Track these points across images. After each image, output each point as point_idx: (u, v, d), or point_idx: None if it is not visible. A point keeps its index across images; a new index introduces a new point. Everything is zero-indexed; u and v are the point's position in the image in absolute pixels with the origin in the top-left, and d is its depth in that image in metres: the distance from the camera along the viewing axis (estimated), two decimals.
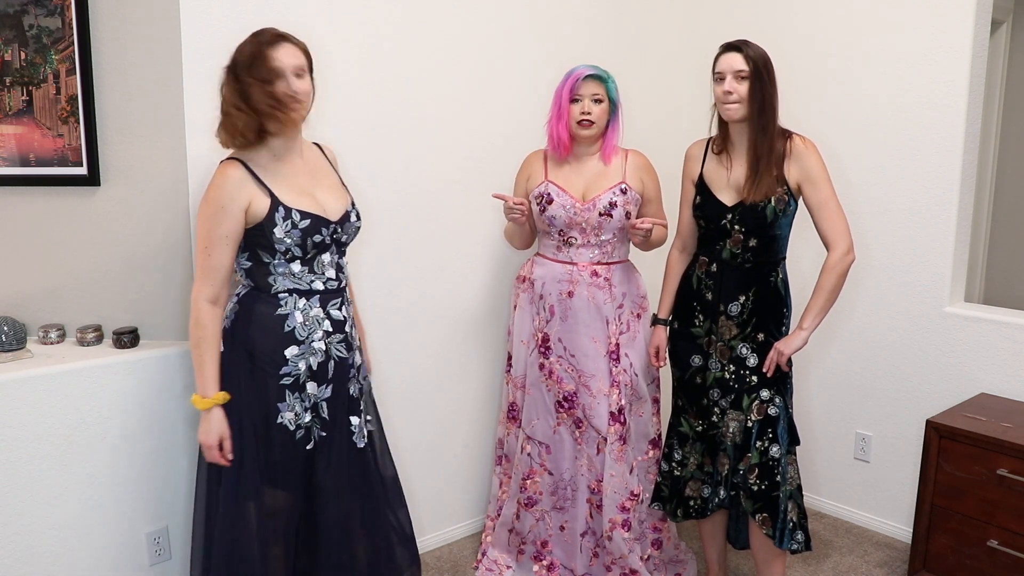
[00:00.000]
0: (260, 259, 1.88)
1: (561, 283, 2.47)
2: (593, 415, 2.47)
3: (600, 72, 2.40)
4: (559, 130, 2.43)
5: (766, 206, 2.17)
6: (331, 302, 1.95)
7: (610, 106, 2.42)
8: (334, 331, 1.95)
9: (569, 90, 2.39)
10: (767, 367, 2.22)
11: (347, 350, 1.99)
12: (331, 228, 1.91)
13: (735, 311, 2.25)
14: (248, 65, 1.79)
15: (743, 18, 3.23)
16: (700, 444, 2.37)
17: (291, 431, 1.90)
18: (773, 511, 2.22)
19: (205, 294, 1.84)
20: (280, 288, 1.89)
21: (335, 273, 1.96)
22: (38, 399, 1.98)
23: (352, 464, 2.00)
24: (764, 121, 2.15)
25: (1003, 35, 3.82)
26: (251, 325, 1.88)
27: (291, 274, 1.89)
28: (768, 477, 2.22)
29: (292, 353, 1.89)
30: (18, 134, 2.20)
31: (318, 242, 1.89)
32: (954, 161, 2.75)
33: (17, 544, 1.98)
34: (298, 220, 1.85)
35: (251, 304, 1.90)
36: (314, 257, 1.91)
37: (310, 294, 1.92)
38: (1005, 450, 2.35)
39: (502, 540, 2.68)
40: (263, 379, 1.87)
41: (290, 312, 1.89)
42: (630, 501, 2.48)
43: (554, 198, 2.44)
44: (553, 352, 2.50)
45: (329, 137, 2.36)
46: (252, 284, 1.92)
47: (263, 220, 1.83)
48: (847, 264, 2.19)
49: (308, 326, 1.90)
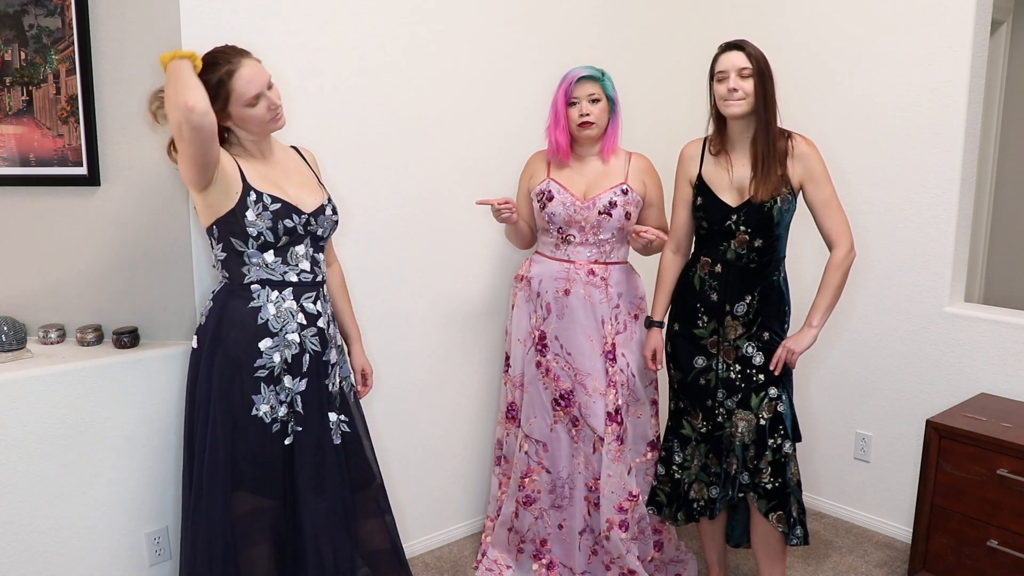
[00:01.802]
0: (234, 248, 1.89)
1: (558, 281, 2.48)
2: (589, 414, 2.47)
3: (594, 72, 2.40)
4: (557, 136, 2.43)
5: (772, 205, 2.18)
6: (305, 295, 1.96)
7: (608, 104, 2.42)
8: (308, 324, 1.96)
9: (564, 94, 2.39)
10: (775, 365, 2.22)
11: (322, 345, 1.99)
12: (303, 218, 1.93)
13: (741, 311, 2.26)
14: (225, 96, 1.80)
15: (742, 19, 3.23)
16: (704, 446, 2.37)
17: (267, 424, 1.90)
18: (786, 508, 2.24)
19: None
20: (253, 279, 1.91)
21: (310, 266, 1.97)
22: (38, 399, 1.98)
23: (329, 459, 2.00)
24: (768, 119, 2.16)
25: (1003, 35, 3.83)
26: (224, 319, 1.89)
27: (264, 264, 1.90)
28: (781, 474, 2.24)
29: (266, 345, 1.89)
30: (18, 134, 2.20)
31: (289, 228, 1.90)
32: (954, 161, 2.75)
33: (17, 544, 1.98)
34: (269, 203, 1.87)
35: (225, 299, 1.91)
36: (287, 247, 1.92)
37: (283, 286, 1.93)
38: (1005, 450, 2.35)
39: (501, 539, 2.68)
40: (238, 373, 1.88)
41: (263, 304, 1.90)
42: (628, 502, 2.48)
43: (554, 195, 2.45)
44: (550, 350, 2.51)
45: (329, 138, 2.37)
46: (227, 277, 1.93)
47: (235, 206, 1.84)
48: (851, 261, 2.24)
49: (281, 318, 1.91)
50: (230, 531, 1.90)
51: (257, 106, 1.84)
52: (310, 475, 1.96)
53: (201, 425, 1.91)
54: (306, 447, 1.96)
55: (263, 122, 1.87)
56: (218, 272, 1.97)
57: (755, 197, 2.18)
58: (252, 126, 1.87)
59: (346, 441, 2.06)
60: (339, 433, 2.04)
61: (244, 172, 1.87)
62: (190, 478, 1.96)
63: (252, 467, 1.91)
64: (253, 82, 1.82)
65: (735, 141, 2.25)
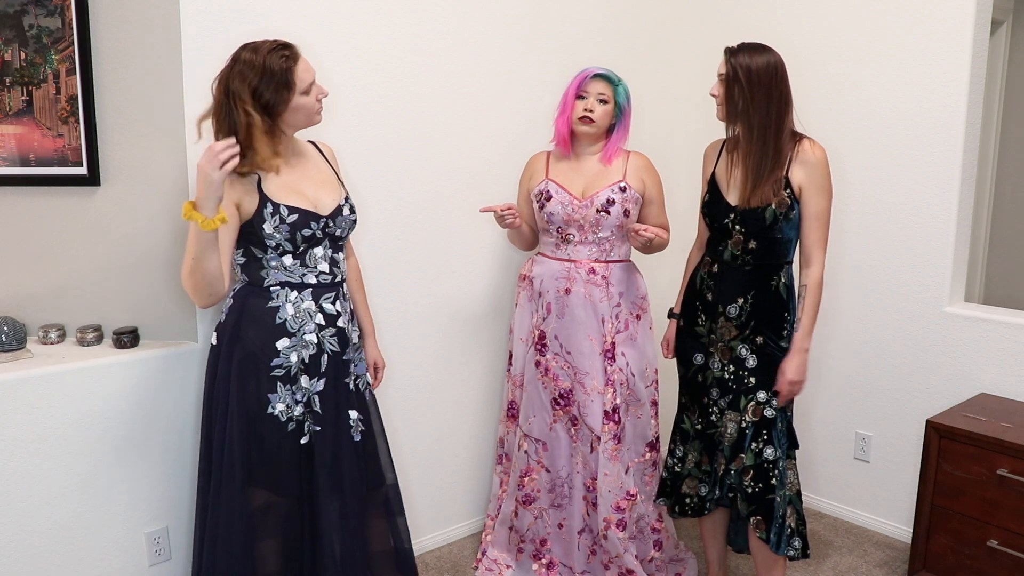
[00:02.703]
0: (253, 255, 1.91)
1: (559, 280, 2.48)
2: (587, 413, 2.47)
3: (611, 75, 2.42)
4: (560, 124, 2.47)
5: (765, 209, 2.17)
6: (324, 295, 1.96)
7: (616, 110, 2.43)
8: (327, 324, 1.96)
9: (576, 86, 2.42)
10: (782, 402, 2.22)
11: (341, 345, 2.00)
12: (321, 222, 1.93)
13: (733, 313, 2.25)
14: (289, 83, 1.81)
15: (743, 20, 3.23)
16: (699, 442, 2.37)
17: (282, 423, 1.91)
18: (768, 514, 2.21)
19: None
20: (272, 281, 1.92)
21: (328, 267, 1.98)
22: (38, 399, 1.98)
23: (350, 457, 2.01)
24: (754, 126, 2.13)
25: (1003, 35, 3.82)
26: (244, 318, 1.90)
27: (283, 268, 1.91)
28: (763, 480, 2.21)
29: (283, 345, 1.90)
30: (18, 134, 2.20)
31: (307, 236, 1.90)
32: (954, 161, 2.75)
33: (17, 544, 1.98)
34: (286, 215, 1.87)
35: (244, 298, 1.92)
36: (306, 251, 1.93)
37: (302, 287, 1.93)
38: (1005, 450, 2.35)
39: (502, 538, 2.68)
40: (255, 371, 1.88)
41: (281, 304, 1.91)
42: (626, 501, 2.48)
43: (552, 195, 2.46)
44: (549, 349, 2.51)
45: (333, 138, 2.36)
46: (247, 279, 1.94)
47: (252, 217, 1.85)
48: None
49: (299, 318, 1.92)
50: (247, 523, 1.91)
51: (310, 94, 1.86)
52: (328, 474, 1.97)
53: (219, 420, 1.92)
54: (325, 446, 1.97)
55: (311, 113, 1.89)
56: (237, 275, 1.97)
57: (743, 202, 2.19)
58: (300, 117, 1.88)
59: (364, 441, 2.07)
60: (359, 431, 2.05)
61: (262, 182, 1.87)
62: (208, 471, 1.96)
63: (266, 464, 1.91)
64: (308, 70, 1.86)
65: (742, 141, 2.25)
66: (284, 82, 1.80)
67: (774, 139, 2.14)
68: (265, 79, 1.78)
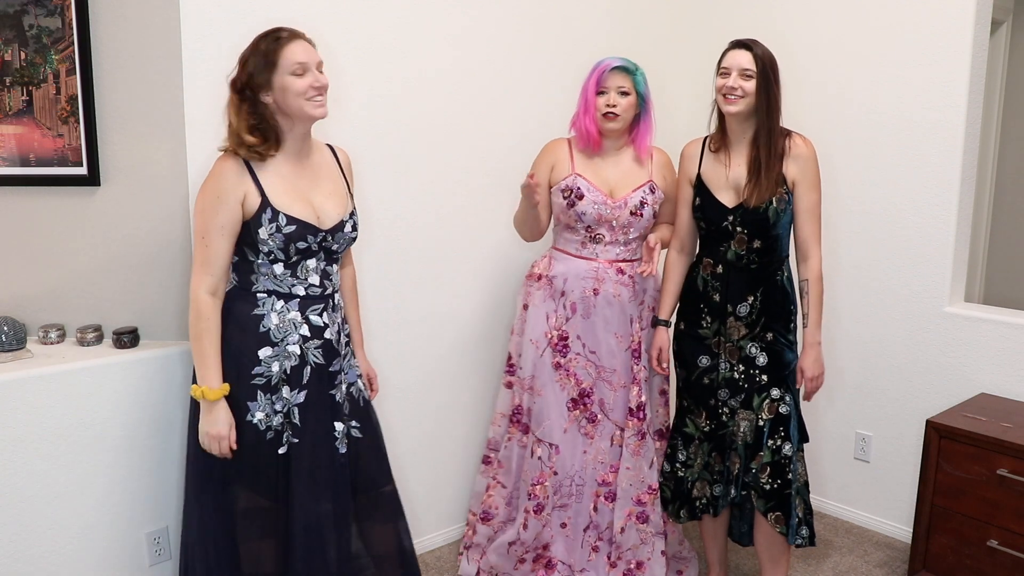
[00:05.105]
0: (246, 256, 1.89)
1: (586, 280, 2.43)
2: (611, 409, 2.46)
3: (628, 64, 2.35)
4: (587, 124, 2.38)
5: (767, 207, 2.17)
6: (311, 307, 1.93)
7: (638, 100, 2.37)
8: (312, 336, 1.93)
9: (595, 82, 2.34)
10: (808, 398, 2.28)
11: (326, 357, 1.96)
12: (319, 236, 1.90)
13: (744, 312, 2.26)
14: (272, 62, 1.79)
15: (743, 19, 3.22)
16: (707, 444, 2.37)
17: (261, 431, 1.89)
18: (785, 509, 2.24)
19: (204, 285, 1.83)
20: (260, 288, 1.90)
21: (319, 280, 1.94)
22: (38, 399, 1.98)
23: (332, 469, 1.98)
24: (770, 124, 2.15)
25: (1003, 35, 3.82)
26: (230, 321, 1.88)
27: (273, 275, 1.89)
28: (780, 475, 2.23)
29: (265, 354, 1.88)
30: (18, 134, 2.20)
31: (302, 248, 1.88)
32: (954, 161, 2.75)
33: (17, 544, 1.98)
34: (283, 224, 1.84)
35: (231, 302, 1.90)
36: (298, 262, 1.90)
37: (289, 297, 1.91)
38: (1005, 450, 2.35)
39: (501, 552, 2.57)
40: (236, 376, 1.87)
41: (266, 313, 1.89)
42: (647, 495, 2.48)
43: (585, 193, 2.38)
44: (571, 350, 2.47)
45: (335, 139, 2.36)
46: (236, 280, 1.92)
47: (251, 218, 1.83)
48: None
49: (283, 328, 1.89)
50: (229, 523, 1.91)
51: (303, 77, 1.80)
52: (306, 483, 1.94)
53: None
54: (303, 458, 1.94)
55: (300, 96, 1.80)
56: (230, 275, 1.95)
57: (747, 202, 2.19)
58: (291, 100, 1.80)
59: (356, 446, 2.04)
60: (345, 442, 2.01)
61: (265, 186, 1.84)
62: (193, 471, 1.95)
63: (247, 466, 1.91)
64: (302, 53, 1.81)
65: (734, 139, 2.24)
66: (269, 59, 1.79)
67: (777, 132, 2.17)
68: (254, 56, 1.80)
